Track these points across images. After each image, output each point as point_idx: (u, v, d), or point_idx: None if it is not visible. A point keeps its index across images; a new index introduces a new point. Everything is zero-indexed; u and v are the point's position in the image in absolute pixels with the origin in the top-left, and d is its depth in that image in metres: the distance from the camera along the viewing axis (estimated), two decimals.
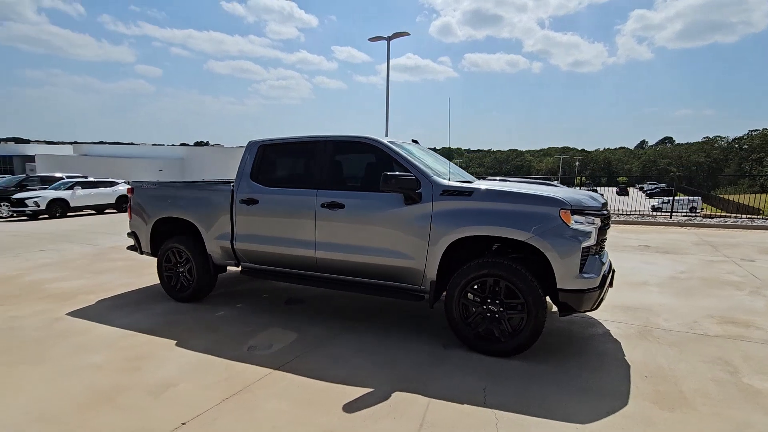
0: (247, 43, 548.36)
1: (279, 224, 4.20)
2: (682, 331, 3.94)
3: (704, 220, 12.30)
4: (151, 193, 5.04)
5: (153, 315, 4.42)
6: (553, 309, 4.08)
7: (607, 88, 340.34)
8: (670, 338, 3.76)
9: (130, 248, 5.33)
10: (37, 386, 2.94)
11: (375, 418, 2.57)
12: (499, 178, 4.79)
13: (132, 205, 5.15)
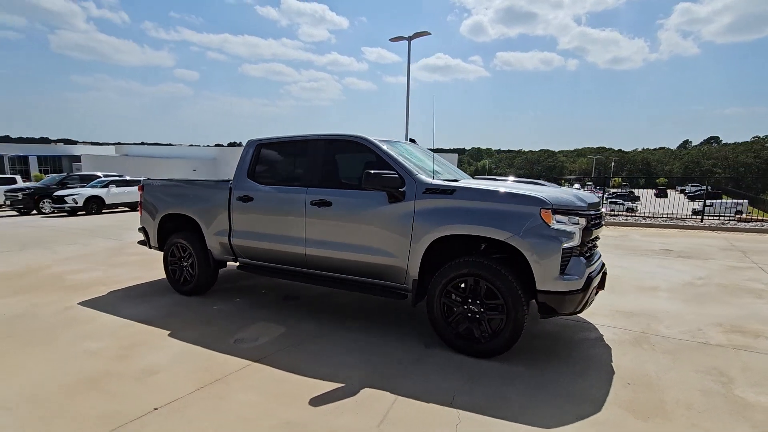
0: (280, 46, 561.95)
1: (271, 221, 4.31)
2: (682, 338, 3.75)
3: (738, 224, 11.57)
4: (158, 191, 5.27)
5: (155, 307, 4.63)
6: None
7: (648, 85, 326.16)
8: (666, 346, 3.59)
9: (140, 243, 5.60)
10: (35, 369, 3.15)
11: (339, 412, 2.60)
12: (515, 178, 4.68)
13: (142, 202, 5.41)
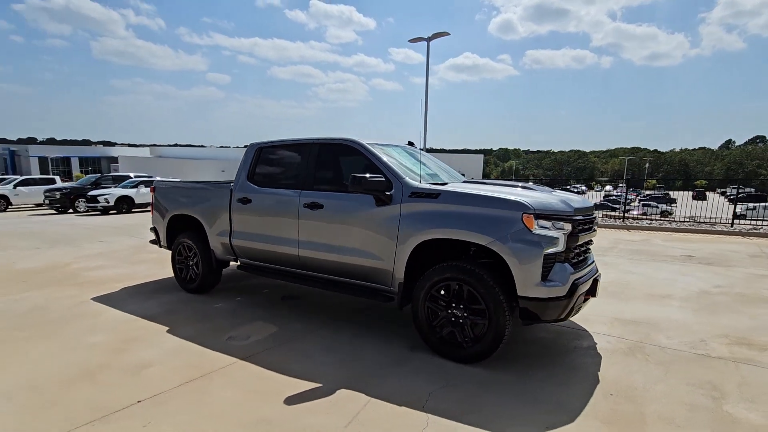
0: (308, 48, 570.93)
1: (267, 222, 4.42)
2: (681, 349, 3.59)
3: None
4: (168, 192, 5.50)
5: (160, 303, 4.83)
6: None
7: (688, 82, 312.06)
8: (661, 356, 3.45)
9: (152, 242, 5.86)
10: (38, 359, 3.37)
11: (312, 412, 2.65)
12: (505, 181, 4.59)
13: (153, 202, 5.66)
